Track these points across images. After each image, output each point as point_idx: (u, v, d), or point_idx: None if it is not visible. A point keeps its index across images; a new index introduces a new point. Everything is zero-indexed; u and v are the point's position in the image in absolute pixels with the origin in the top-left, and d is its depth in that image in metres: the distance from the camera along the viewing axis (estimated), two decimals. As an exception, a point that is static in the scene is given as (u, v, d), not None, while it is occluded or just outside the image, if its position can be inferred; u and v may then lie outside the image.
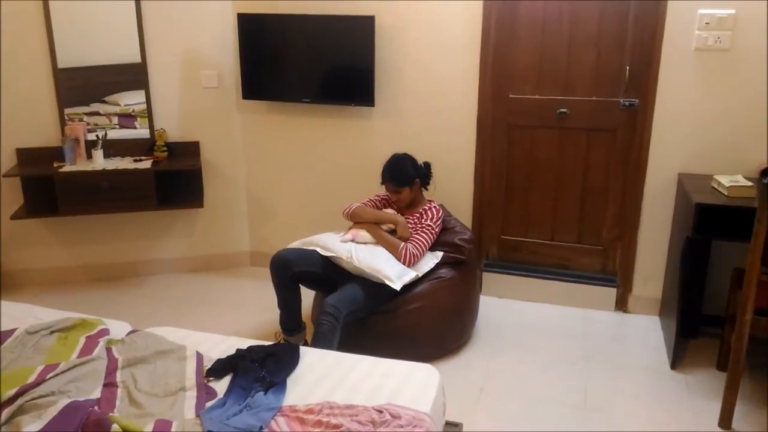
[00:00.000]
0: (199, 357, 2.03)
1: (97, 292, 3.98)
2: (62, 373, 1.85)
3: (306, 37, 3.76)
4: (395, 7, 3.64)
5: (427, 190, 3.47)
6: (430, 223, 3.27)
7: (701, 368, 3.16)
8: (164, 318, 3.64)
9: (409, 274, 3.09)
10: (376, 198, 3.47)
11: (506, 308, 3.80)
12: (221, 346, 2.14)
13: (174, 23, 3.84)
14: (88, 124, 3.89)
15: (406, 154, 3.38)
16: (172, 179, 3.90)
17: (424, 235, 3.23)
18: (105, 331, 2.16)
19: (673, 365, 3.17)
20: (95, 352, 2.00)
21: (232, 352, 2.08)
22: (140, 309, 3.77)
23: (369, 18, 3.59)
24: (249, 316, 3.66)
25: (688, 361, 3.21)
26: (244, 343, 2.15)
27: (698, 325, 3.45)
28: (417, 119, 3.80)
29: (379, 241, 3.18)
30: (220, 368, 1.98)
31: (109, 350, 2.05)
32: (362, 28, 3.60)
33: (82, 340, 2.06)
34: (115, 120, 3.97)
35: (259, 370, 1.93)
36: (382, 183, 3.34)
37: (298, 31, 3.76)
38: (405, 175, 3.30)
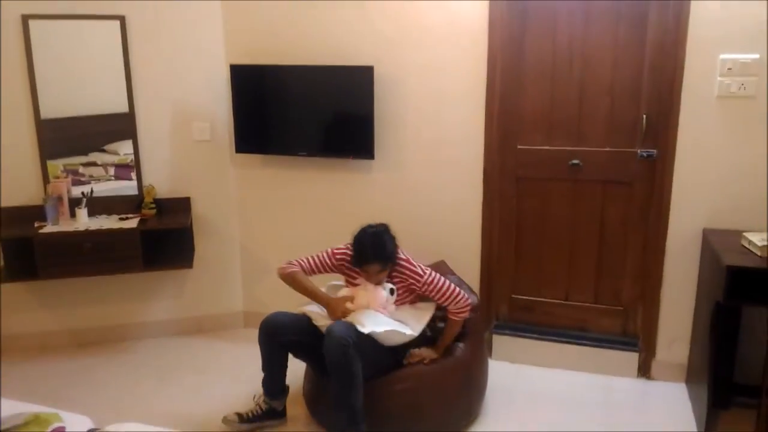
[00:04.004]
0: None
1: (81, 359, 3.73)
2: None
3: (302, 88, 3.59)
4: (395, 56, 3.47)
5: None
6: (427, 279, 2.88)
7: (736, 445, 2.88)
8: (148, 389, 3.40)
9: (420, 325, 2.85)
10: (332, 254, 3.02)
11: (518, 375, 3.51)
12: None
13: (164, 73, 3.68)
14: (83, 175, 3.71)
15: (380, 225, 2.92)
16: (161, 237, 3.67)
17: (442, 291, 2.88)
18: (60, 430, 1.90)
19: (706, 443, 2.88)
20: (46, 460, 1.74)
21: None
22: (124, 378, 3.51)
23: (368, 68, 3.41)
24: (239, 385, 3.37)
25: (721, 437, 2.92)
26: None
27: (730, 395, 3.15)
28: (419, 172, 3.58)
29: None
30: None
31: (62, 455, 1.80)
32: (361, 79, 3.42)
33: (33, 443, 1.80)
34: (112, 171, 3.79)
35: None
36: (362, 264, 2.84)
37: (293, 83, 3.60)
38: (391, 251, 2.86)
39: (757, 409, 2.84)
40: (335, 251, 3.01)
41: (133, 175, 3.77)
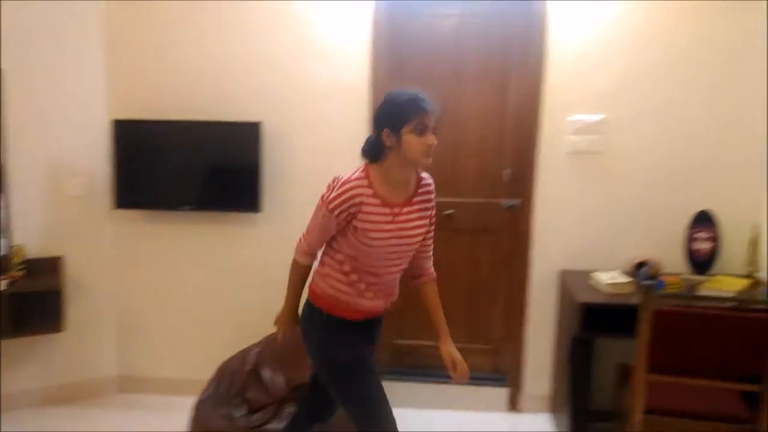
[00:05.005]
0: None
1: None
2: None
3: (188, 143, 3.58)
4: (282, 111, 3.59)
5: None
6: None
7: (598, 465, 3.16)
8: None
9: None
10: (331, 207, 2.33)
11: (403, 420, 3.59)
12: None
13: (41, 127, 3.53)
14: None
15: None
16: (30, 300, 3.43)
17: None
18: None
19: (570, 466, 3.15)
20: None
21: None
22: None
23: (255, 124, 3.51)
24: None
25: (584, 459, 3.20)
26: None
27: (588, 421, 3.45)
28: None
29: None
30: None
31: None
32: (248, 134, 3.51)
33: None
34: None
35: None
36: (423, 115, 2.27)
37: (179, 138, 3.58)
38: None
39: (611, 432, 3.19)
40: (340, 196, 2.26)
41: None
